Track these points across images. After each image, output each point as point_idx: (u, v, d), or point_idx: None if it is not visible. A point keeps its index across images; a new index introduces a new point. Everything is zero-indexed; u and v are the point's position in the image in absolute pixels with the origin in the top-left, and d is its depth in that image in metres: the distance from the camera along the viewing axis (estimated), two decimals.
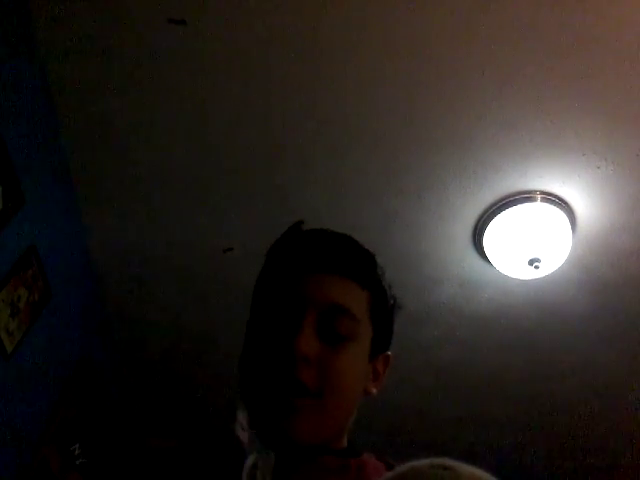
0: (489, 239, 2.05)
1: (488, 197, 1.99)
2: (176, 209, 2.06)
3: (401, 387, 2.42)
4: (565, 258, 2.03)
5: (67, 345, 2.05)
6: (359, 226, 2.06)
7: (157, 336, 2.48)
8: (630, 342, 2.35)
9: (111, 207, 2.07)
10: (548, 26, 1.61)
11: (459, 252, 2.14)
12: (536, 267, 1.98)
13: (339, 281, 0.76)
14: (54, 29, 1.65)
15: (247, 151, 1.91)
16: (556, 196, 1.96)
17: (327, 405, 0.71)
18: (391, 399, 0.67)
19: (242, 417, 0.75)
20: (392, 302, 0.83)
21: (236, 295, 2.28)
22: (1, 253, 1.63)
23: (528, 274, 2.04)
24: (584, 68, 1.68)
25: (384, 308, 0.81)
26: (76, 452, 2.02)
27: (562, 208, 1.96)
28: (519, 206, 1.97)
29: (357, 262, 0.78)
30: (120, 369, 2.56)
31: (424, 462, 0.48)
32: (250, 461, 0.74)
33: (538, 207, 1.96)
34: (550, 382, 2.55)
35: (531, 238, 1.98)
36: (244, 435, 0.74)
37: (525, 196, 1.96)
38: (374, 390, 0.80)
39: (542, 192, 1.96)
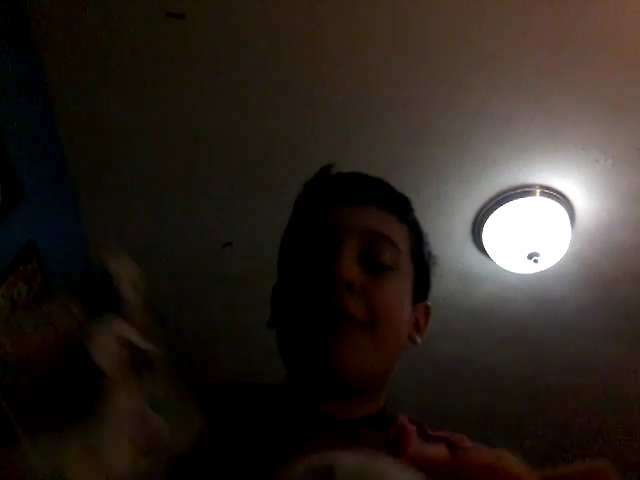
0: (488, 233, 2.05)
1: (487, 191, 1.99)
2: (175, 204, 2.06)
3: (399, 382, 2.42)
4: (564, 252, 2.03)
5: None
6: None
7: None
8: (629, 336, 2.35)
9: (110, 202, 2.06)
10: (547, 20, 1.60)
11: (458, 246, 2.14)
12: (535, 261, 1.98)
13: (377, 211, 0.74)
14: (52, 26, 1.65)
15: (245, 147, 1.91)
16: (555, 190, 1.96)
17: (375, 335, 0.66)
18: (389, 393, 0.68)
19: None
20: (429, 251, 0.82)
21: (235, 290, 2.29)
22: (0, 248, 1.63)
23: (527, 268, 2.04)
24: (583, 62, 1.67)
25: (422, 249, 0.79)
26: None
27: (561, 202, 1.96)
28: (518, 200, 1.97)
29: (394, 195, 0.78)
30: None
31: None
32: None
33: (537, 201, 1.96)
34: (549, 376, 2.56)
35: (530, 232, 1.99)
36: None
37: (524, 190, 1.96)
38: (419, 340, 0.77)
39: (541, 186, 1.95)
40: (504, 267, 2.10)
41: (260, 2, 1.60)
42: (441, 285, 2.26)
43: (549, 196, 1.96)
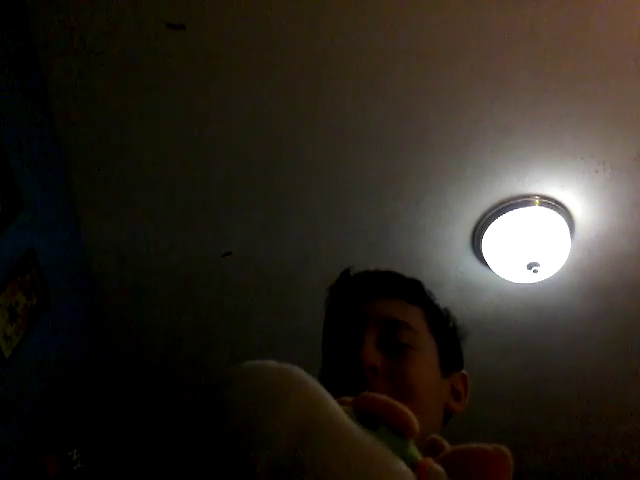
0: (488, 243, 2.05)
1: (486, 201, 1.99)
2: (175, 213, 2.06)
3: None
4: (563, 262, 2.03)
5: (65, 350, 2.05)
6: (358, 230, 2.07)
7: (156, 341, 2.47)
8: (628, 346, 2.35)
9: (110, 212, 2.07)
10: (546, 30, 1.61)
11: (458, 256, 2.14)
12: (535, 271, 1.98)
13: (390, 301, 0.84)
14: (53, 33, 1.65)
15: (246, 155, 1.91)
16: (554, 200, 1.96)
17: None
18: None
19: None
20: (452, 323, 0.92)
21: (234, 299, 2.28)
22: None
23: (527, 278, 2.04)
24: (582, 72, 1.68)
25: (442, 323, 0.88)
26: (74, 457, 2.01)
27: (560, 212, 1.97)
28: (517, 210, 1.97)
29: (401, 283, 0.90)
30: (119, 374, 2.56)
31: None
32: None
33: (536, 211, 1.96)
34: (548, 386, 2.55)
35: (529, 242, 1.99)
36: None
37: (523, 200, 1.97)
38: (458, 408, 0.83)
39: (540, 196, 1.96)
40: (504, 277, 2.10)
41: (260, 12, 1.61)
42: (441, 294, 2.24)
43: (548, 206, 1.96)
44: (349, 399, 0.44)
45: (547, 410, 2.65)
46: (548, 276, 2.05)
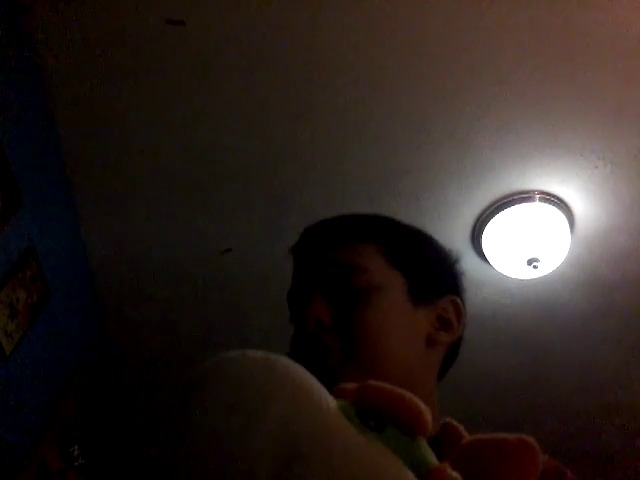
0: (487, 239, 2.05)
1: (486, 197, 1.99)
2: (175, 210, 2.06)
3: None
4: (563, 258, 2.03)
5: (66, 346, 2.05)
6: None
7: (156, 337, 2.47)
8: (629, 342, 2.35)
9: (110, 208, 2.07)
10: (546, 27, 1.61)
11: (458, 252, 2.14)
12: (535, 267, 1.98)
13: (339, 247, 0.79)
14: (52, 29, 1.65)
15: (245, 152, 1.91)
16: (554, 196, 1.96)
17: (362, 362, 0.69)
18: None
19: None
20: (422, 246, 0.85)
21: (235, 295, 2.29)
22: None
23: (527, 274, 2.04)
24: (582, 68, 1.68)
25: (407, 253, 0.81)
26: (75, 453, 2.01)
27: (560, 208, 1.97)
28: (517, 206, 1.97)
29: (344, 227, 0.83)
30: (119, 370, 2.56)
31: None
32: None
33: (536, 207, 1.96)
34: (548, 382, 2.55)
35: (529, 238, 1.99)
36: None
37: (523, 196, 1.97)
38: (445, 338, 0.78)
39: (540, 192, 1.96)
40: (503, 273, 2.10)
41: (260, 9, 1.61)
42: None
43: (548, 202, 1.96)
44: (349, 387, 0.39)
45: (547, 406, 2.66)
46: (548, 272, 2.05)
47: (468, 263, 2.17)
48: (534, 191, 1.96)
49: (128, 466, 2.39)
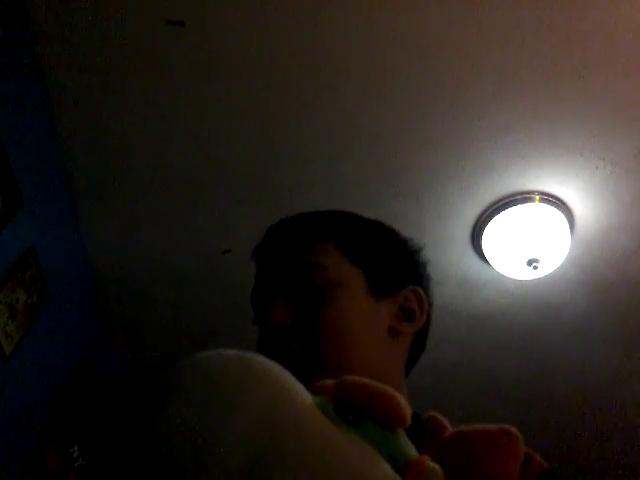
0: (488, 239, 2.05)
1: (486, 198, 1.99)
2: (175, 210, 2.06)
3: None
4: (564, 258, 2.03)
5: (66, 347, 2.05)
6: None
7: (156, 338, 2.47)
8: (629, 342, 2.35)
9: (110, 209, 2.07)
10: (546, 27, 1.61)
11: (458, 253, 2.14)
12: (535, 267, 1.98)
13: (294, 248, 0.80)
14: (53, 31, 1.65)
15: (245, 153, 1.91)
16: (554, 196, 1.96)
17: (327, 360, 0.69)
18: None
19: None
20: (381, 239, 0.85)
21: (235, 296, 2.28)
22: (0, 254, 1.63)
23: (527, 274, 2.04)
24: (582, 68, 1.68)
25: (364, 247, 0.81)
26: (75, 454, 2.01)
27: (560, 208, 1.97)
28: (517, 206, 1.97)
29: (302, 226, 0.85)
30: (119, 371, 2.56)
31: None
32: None
33: (536, 207, 1.96)
34: (548, 382, 2.55)
35: (530, 238, 1.99)
36: None
37: (523, 196, 1.97)
38: (408, 329, 0.78)
39: (540, 192, 1.96)
40: (504, 273, 2.10)
41: (259, 9, 1.61)
42: (441, 291, 2.25)
43: (548, 202, 1.96)
44: (328, 383, 0.39)
45: (548, 406, 2.65)
46: (548, 272, 2.05)
47: (468, 264, 2.17)
48: (534, 191, 1.96)
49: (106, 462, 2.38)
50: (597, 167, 1.88)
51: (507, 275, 2.10)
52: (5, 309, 1.64)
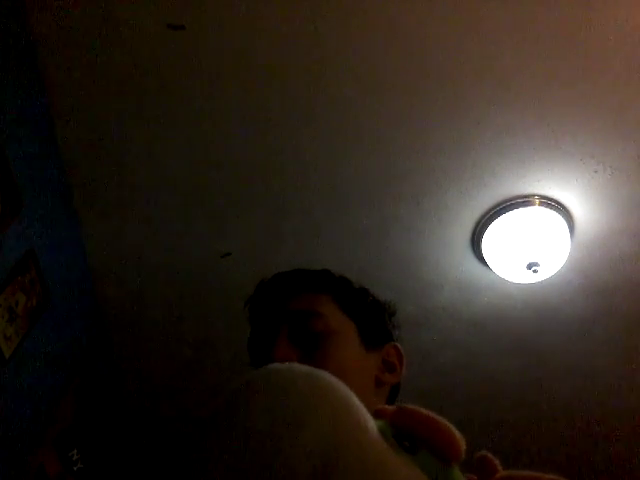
0: (487, 243, 2.05)
1: (486, 201, 1.99)
2: (174, 214, 2.06)
3: (400, 391, 2.41)
4: (563, 262, 2.03)
5: (65, 350, 2.05)
6: (357, 231, 2.07)
7: (156, 341, 2.47)
8: (629, 346, 2.35)
9: (109, 212, 2.07)
10: (546, 31, 1.61)
11: (457, 256, 2.14)
12: (534, 271, 1.98)
13: (297, 297, 0.88)
14: (53, 36, 1.65)
15: (245, 156, 1.91)
16: (554, 200, 1.96)
17: None
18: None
19: None
20: (371, 299, 0.94)
21: (234, 299, 2.28)
22: None
23: (527, 278, 2.04)
24: (581, 73, 1.68)
25: (355, 301, 0.91)
26: (74, 458, 2.01)
27: (560, 212, 1.97)
28: (517, 210, 1.97)
29: (303, 278, 0.93)
30: (119, 375, 2.56)
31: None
32: None
33: (536, 211, 1.96)
34: (549, 386, 2.55)
35: (529, 242, 1.99)
36: None
37: (523, 200, 1.97)
38: (391, 379, 0.86)
39: (540, 196, 1.96)
40: (503, 277, 2.10)
41: (260, 13, 1.61)
42: (441, 295, 2.26)
43: (548, 206, 1.96)
44: (389, 408, 0.40)
45: (548, 409, 2.65)
46: (548, 276, 2.05)
47: (468, 267, 2.17)
48: (534, 195, 1.96)
49: (128, 470, 2.38)
50: (597, 171, 1.88)
51: (507, 279, 2.10)
52: (4, 312, 1.64)
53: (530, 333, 2.35)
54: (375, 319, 0.91)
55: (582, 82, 1.70)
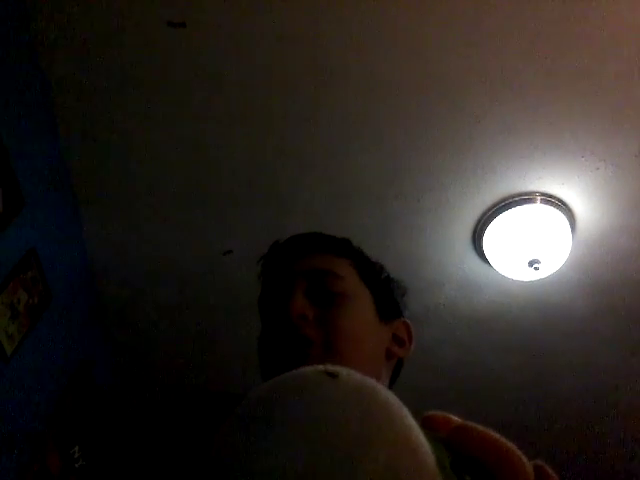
0: (489, 241, 2.05)
1: (488, 199, 1.99)
2: (176, 212, 2.06)
3: (400, 388, 2.41)
4: (565, 259, 2.03)
5: (67, 348, 2.05)
6: (358, 229, 2.07)
7: (157, 338, 2.47)
8: (630, 343, 2.35)
9: (111, 210, 2.07)
10: (547, 29, 1.61)
11: (459, 254, 2.14)
12: (536, 268, 1.98)
13: (317, 255, 0.87)
14: (54, 32, 1.66)
15: (246, 153, 1.91)
16: (555, 197, 1.96)
17: (339, 354, 0.74)
18: None
19: None
20: (386, 275, 0.93)
21: (235, 297, 2.29)
22: (1, 256, 1.63)
23: (528, 275, 2.04)
24: (582, 70, 1.68)
25: (373, 273, 0.90)
26: (76, 455, 2.02)
27: (561, 209, 1.97)
28: (519, 208, 1.97)
29: (327, 239, 0.91)
30: (120, 372, 2.56)
31: (311, 367, 0.35)
32: None
33: (538, 209, 1.96)
34: (550, 383, 2.55)
35: (531, 240, 1.99)
36: None
37: (524, 198, 1.97)
38: (401, 353, 0.86)
39: (541, 194, 1.96)
40: (505, 274, 2.10)
41: (261, 11, 1.61)
42: (442, 292, 2.26)
43: (550, 203, 1.96)
44: (440, 417, 0.34)
45: (549, 407, 2.65)
46: (549, 273, 2.05)
47: (469, 265, 2.17)
48: (535, 193, 1.96)
49: (129, 467, 2.39)
50: (598, 168, 1.88)
51: (508, 276, 2.10)
52: (6, 310, 1.65)
53: (531, 330, 2.35)
54: (389, 294, 0.91)
55: (583, 79, 1.69)
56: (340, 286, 0.82)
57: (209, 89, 1.76)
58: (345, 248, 0.91)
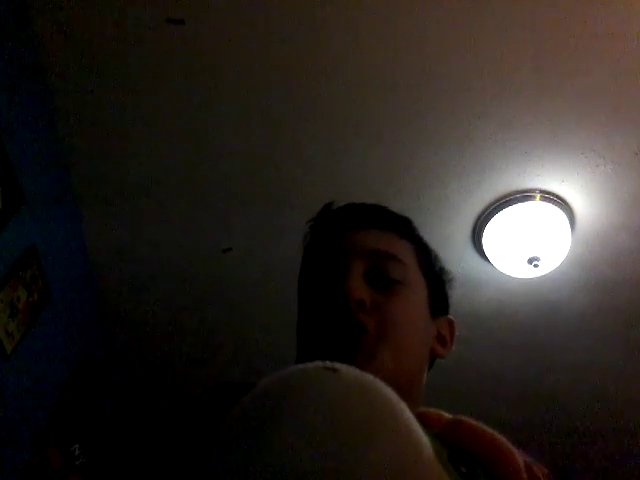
0: (488, 238, 2.05)
1: (487, 196, 1.99)
2: (175, 209, 2.06)
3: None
4: (564, 257, 2.03)
5: (67, 346, 2.05)
6: None
7: (157, 336, 2.48)
8: (629, 341, 2.35)
9: (111, 207, 2.07)
10: (547, 25, 1.61)
11: (458, 251, 2.14)
12: (535, 266, 1.98)
13: (378, 232, 0.78)
14: (53, 30, 1.65)
15: (246, 151, 1.91)
16: (555, 195, 1.96)
17: (390, 345, 0.68)
18: None
19: None
20: (440, 265, 0.85)
21: (235, 295, 2.29)
22: (0, 253, 1.63)
23: (527, 273, 2.04)
24: (582, 67, 1.68)
25: (432, 263, 0.83)
26: (76, 452, 2.02)
27: (561, 207, 1.97)
28: (518, 205, 1.97)
29: (391, 216, 0.82)
30: (120, 369, 2.56)
31: (311, 363, 0.37)
32: None
33: (537, 206, 1.96)
34: (549, 380, 2.55)
35: (530, 237, 1.99)
36: None
37: (524, 195, 1.96)
38: (443, 353, 0.81)
39: (541, 191, 1.96)
40: (504, 272, 2.10)
41: (261, 6, 1.61)
42: None
43: (549, 201, 1.96)
44: (434, 415, 0.35)
45: (549, 405, 2.66)
46: (549, 271, 2.05)
47: (469, 262, 2.17)
48: (535, 190, 1.96)
49: (130, 465, 2.38)
50: (598, 165, 1.87)
51: (508, 273, 2.10)
52: (6, 308, 1.65)
53: (530, 328, 2.35)
54: (441, 288, 0.84)
55: (583, 76, 1.69)
56: (401, 273, 0.73)
57: (209, 86, 1.76)
58: (409, 230, 0.82)
